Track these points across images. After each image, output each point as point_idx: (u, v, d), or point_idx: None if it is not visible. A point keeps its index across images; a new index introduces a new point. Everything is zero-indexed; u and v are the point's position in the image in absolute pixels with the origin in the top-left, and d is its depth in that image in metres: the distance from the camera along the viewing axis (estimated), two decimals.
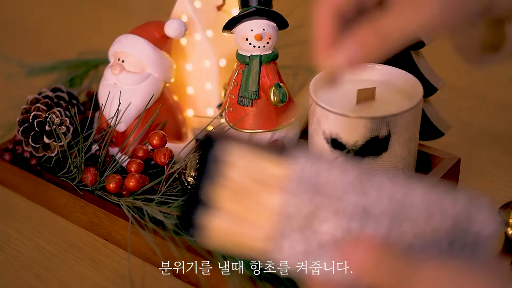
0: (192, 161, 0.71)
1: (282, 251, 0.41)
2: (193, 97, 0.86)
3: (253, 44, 0.75)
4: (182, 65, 0.84)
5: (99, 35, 1.19)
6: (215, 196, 0.42)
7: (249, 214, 0.41)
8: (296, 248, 0.41)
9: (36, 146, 0.77)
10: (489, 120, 0.91)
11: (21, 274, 0.69)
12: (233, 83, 0.77)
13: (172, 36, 0.78)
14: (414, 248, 0.40)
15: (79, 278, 0.68)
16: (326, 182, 0.41)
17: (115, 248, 0.71)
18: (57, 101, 0.80)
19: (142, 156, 0.74)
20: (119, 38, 0.80)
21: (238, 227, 0.41)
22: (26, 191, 0.79)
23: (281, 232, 0.41)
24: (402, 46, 0.45)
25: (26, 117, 0.78)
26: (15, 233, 0.74)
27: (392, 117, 0.66)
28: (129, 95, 0.77)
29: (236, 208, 0.41)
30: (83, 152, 0.74)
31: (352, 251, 0.40)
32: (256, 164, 0.41)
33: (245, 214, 0.41)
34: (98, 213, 0.72)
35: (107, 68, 0.79)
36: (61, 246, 0.72)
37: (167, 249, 0.64)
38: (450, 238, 0.40)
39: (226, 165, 0.42)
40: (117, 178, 0.72)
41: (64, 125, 0.77)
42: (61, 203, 0.75)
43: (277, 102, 0.74)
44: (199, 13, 0.82)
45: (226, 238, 0.42)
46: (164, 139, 0.73)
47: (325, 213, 0.41)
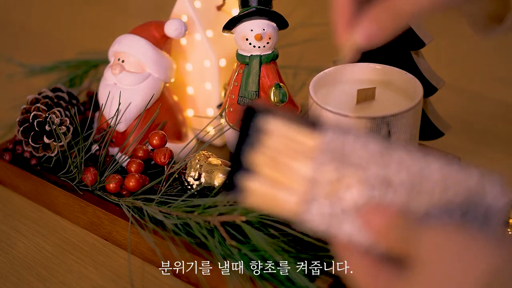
0: (192, 161, 0.71)
1: (310, 214, 0.45)
2: (193, 97, 0.86)
3: (253, 44, 0.75)
4: (182, 65, 0.84)
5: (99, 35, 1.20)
6: (254, 162, 0.46)
7: (283, 179, 0.46)
8: (322, 212, 0.45)
9: (36, 146, 0.77)
10: (489, 120, 0.92)
11: (21, 274, 0.69)
12: (233, 83, 0.77)
13: (172, 36, 0.78)
14: (428, 216, 0.44)
15: (79, 278, 0.68)
16: (351, 153, 0.45)
17: (115, 248, 0.71)
18: (57, 101, 0.80)
19: (142, 156, 0.74)
20: (119, 38, 0.80)
21: (274, 190, 0.46)
22: (26, 191, 0.79)
23: (310, 197, 0.45)
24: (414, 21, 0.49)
25: (26, 117, 0.78)
26: (15, 233, 0.74)
27: (392, 117, 0.66)
28: (129, 95, 0.77)
29: (272, 174, 0.46)
30: (83, 152, 0.74)
31: (371, 217, 0.44)
32: (290, 135, 0.46)
33: (280, 179, 0.46)
34: (98, 213, 0.72)
35: (107, 68, 0.79)
36: (61, 246, 0.72)
37: (167, 249, 0.64)
38: (462, 209, 0.44)
39: (264, 134, 0.46)
40: (117, 178, 0.72)
41: (64, 125, 0.77)
42: (61, 203, 0.75)
43: (277, 102, 0.74)
44: (199, 13, 0.82)
45: (263, 200, 0.46)
46: (164, 139, 0.73)
47: (349, 181, 0.45)
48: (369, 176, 0.45)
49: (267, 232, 0.64)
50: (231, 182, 0.46)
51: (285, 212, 0.46)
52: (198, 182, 0.70)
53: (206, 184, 0.70)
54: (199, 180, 0.70)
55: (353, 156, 0.45)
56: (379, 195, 0.44)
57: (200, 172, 0.70)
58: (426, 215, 0.44)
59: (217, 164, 0.71)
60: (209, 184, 0.70)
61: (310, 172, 0.45)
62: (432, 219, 0.43)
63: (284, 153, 0.46)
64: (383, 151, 0.45)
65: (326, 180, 0.45)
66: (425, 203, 0.44)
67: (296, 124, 0.46)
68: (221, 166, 0.71)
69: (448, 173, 0.44)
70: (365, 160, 0.45)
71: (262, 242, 0.62)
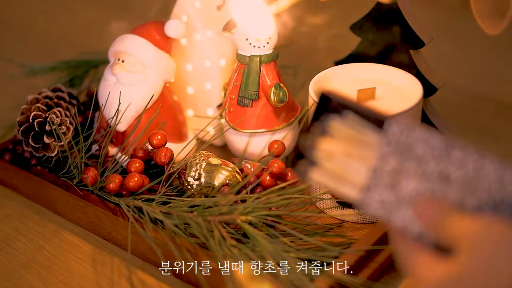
0: (192, 161, 0.71)
1: (370, 199, 0.49)
2: (193, 97, 0.86)
3: (253, 44, 0.75)
4: (182, 65, 0.84)
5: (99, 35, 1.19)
6: (324, 147, 0.50)
7: (349, 167, 0.50)
8: (381, 199, 0.49)
9: (36, 146, 0.77)
10: (489, 120, 0.92)
11: (21, 274, 0.69)
12: (233, 83, 0.77)
13: (172, 36, 0.78)
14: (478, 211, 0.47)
15: (79, 278, 0.68)
16: (413, 147, 0.48)
17: (115, 248, 0.71)
18: (57, 101, 0.80)
19: (142, 156, 0.74)
20: (119, 38, 0.80)
21: (339, 175, 0.50)
22: (26, 191, 0.79)
23: (371, 184, 0.49)
24: None
25: (26, 117, 0.78)
26: (15, 233, 0.74)
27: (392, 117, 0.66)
28: (129, 95, 0.77)
29: (339, 160, 0.50)
30: (83, 152, 0.74)
31: (424, 208, 0.47)
32: (358, 125, 0.50)
33: (346, 166, 0.50)
34: (98, 213, 0.72)
35: (107, 68, 0.79)
36: (61, 246, 0.72)
37: (167, 249, 0.64)
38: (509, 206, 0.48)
39: (335, 121, 0.50)
40: (117, 178, 0.72)
41: (64, 125, 0.77)
42: (61, 203, 0.75)
43: (277, 102, 0.74)
44: (199, 13, 0.82)
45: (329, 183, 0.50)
46: (164, 139, 0.73)
47: (408, 173, 0.48)
48: (427, 170, 0.48)
49: (267, 232, 0.64)
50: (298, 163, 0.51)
51: (348, 197, 0.50)
52: (198, 182, 0.70)
53: (206, 184, 0.70)
54: (199, 180, 0.70)
55: (414, 150, 0.48)
56: (434, 189, 0.48)
57: (200, 172, 0.70)
58: (476, 209, 0.47)
59: (217, 164, 0.71)
60: (209, 184, 0.70)
61: (373, 161, 0.49)
62: (481, 213, 0.47)
63: (351, 140, 0.50)
64: (443, 148, 0.48)
65: (387, 170, 0.49)
66: (477, 200, 0.47)
67: (364, 115, 0.50)
68: (221, 166, 0.71)
69: (503, 174, 0.47)
70: (425, 155, 0.48)
71: (262, 242, 0.62)
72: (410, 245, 0.48)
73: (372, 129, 0.50)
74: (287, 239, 0.64)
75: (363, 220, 0.71)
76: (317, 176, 0.51)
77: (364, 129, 0.50)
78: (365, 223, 0.71)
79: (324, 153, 0.50)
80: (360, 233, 0.70)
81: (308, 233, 0.67)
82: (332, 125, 0.50)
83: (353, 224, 0.72)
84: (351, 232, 0.70)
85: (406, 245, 0.48)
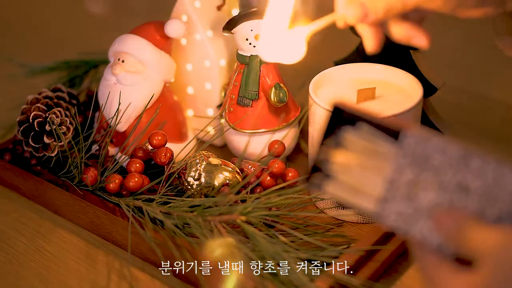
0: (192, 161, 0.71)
1: (387, 212, 0.48)
2: (193, 97, 0.86)
3: (253, 44, 0.75)
4: (182, 65, 0.84)
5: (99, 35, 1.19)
6: (336, 158, 0.50)
7: (364, 179, 0.49)
8: (398, 211, 0.48)
9: (36, 146, 0.77)
10: (489, 120, 0.92)
11: (21, 274, 0.69)
12: (233, 83, 0.77)
13: (172, 36, 0.78)
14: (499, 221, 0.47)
15: (79, 278, 0.68)
16: (430, 158, 0.48)
17: (115, 248, 0.71)
18: (57, 101, 0.80)
19: (142, 156, 0.74)
20: (119, 38, 0.80)
21: (355, 187, 0.50)
22: (26, 191, 0.79)
23: (388, 196, 0.48)
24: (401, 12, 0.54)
25: (26, 117, 0.78)
26: (15, 233, 0.74)
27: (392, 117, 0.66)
28: (129, 95, 0.77)
29: (354, 170, 0.50)
30: (83, 152, 0.74)
31: (443, 219, 0.47)
32: (373, 136, 0.49)
33: (361, 179, 0.49)
34: (98, 213, 0.72)
35: (107, 68, 0.79)
36: (61, 246, 0.72)
37: (167, 249, 0.64)
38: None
39: (349, 133, 0.50)
40: (117, 178, 0.72)
41: (64, 125, 0.77)
42: (61, 203, 0.75)
43: (277, 102, 0.74)
44: (199, 13, 0.82)
45: (345, 195, 0.50)
46: (164, 139, 0.73)
47: (426, 184, 0.48)
48: (445, 181, 0.47)
49: (267, 232, 0.64)
50: (313, 177, 0.51)
51: (363, 210, 0.49)
52: (198, 182, 0.70)
53: (206, 184, 0.70)
54: (199, 180, 0.70)
55: (431, 161, 0.48)
56: (453, 199, 0.47)
57: (200, 172, 0.70)
58: (497, 220, 0.46)
59: (217, 164, 0.71)
60: (209, 184, 0.70)
61: (389, 173, 0.48)
62: (502, 223, 0.46)
63: (366, 152, 0.49)
64: (461, 158, 0.47)
65: (404, 181, 0.48)
66: (498, 210, 0.46)
67: (379, 126, 0.49)
68: (221, 166, 0.71)
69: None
70: (443, 165, 0.47)
71: (262, 242, 0.62)
72: (430, 257, 0.47)
73: (387, 141, 0.49)
74: (287, 239, 0.64)
75: (363, 220, 0.71)
76: (332, 189, 0.50)
77: (379, 140, 0.49)
78: (365, 223, 0.71)
79: (339, 166, 0.50)
80: (360, 233, 0.70)
81: (308, 233, 0.67)
82: (346, 137, 0.50)
83: (353, 224, 0.72)
84: (351, 232, 0.70)
85: (426, 257, 0.48)
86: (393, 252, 0.66)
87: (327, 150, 0.50)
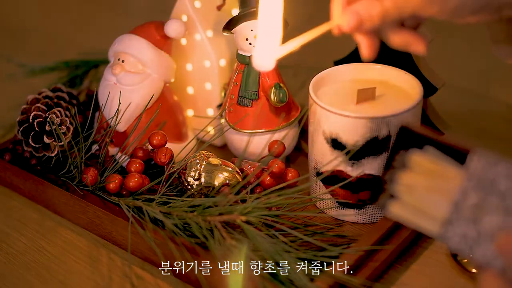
0: (192, 161, 0.71)
1: (451, 234, 0.49)
2: (193, 97, 0.86)
3: (253, 44, 0.75)
4: (182, 65, 0.84)
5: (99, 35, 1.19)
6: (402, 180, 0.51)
7: (429, 200, 0.50)
8: (462, 233, 0.49)
9: (36, 146, 0.77)
10: (489, 120, 0.92)
11: (21, 274, 0.69)
12: (233, 83, 0.77)
13: (172, 36, 0.78)
14: None
15: (79, 278, 0.68)
16: (495, 182, 0.48)
17: (115, 248, 0.71)
18: (57, 101, 0.80)
19: (142, 156, 0.74)
20: (119, 38, 0.80)
21: (420, 208, 0.50)
22: (26, 191, 0.79)
23: (453, 220, 0.49)
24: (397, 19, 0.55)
25: (26, 117, 0.78)
26: (15, 233, 0.74)
27: (392, 117, 0.66)
28: (129, 95, 0.77)
29: (419, 192, 0.50)
30: (83, 152, 0.74)
31: (508, 244, 0.47)
32: (438, 162, 0.50)
33: (426, 200, 0.50)
34: (98, 213, 0.72)
35: (107, 68, 0.79)
36: (61, 246, 0.72)
37: (167, 249, 0.64)
38: None
39: (415, 155, 0.51)
40: (117, 178, 0.72)
41: (64, 125, 0.77)
42: (61, 203, 0.75)
43: (277, 102, 0.74)
44: (199, 13, 0.82)
45: (409, 216, 0.51)
46: (164, 139, 0.73)
47: (491, 208, 0.48)
48: (510, 206, 0.48)
49: (267, 232, 0.64)
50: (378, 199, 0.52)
51: (427, 231, 0.50)
52: (198, 182, 0.70)
53: (206, 184, 0.70)
54: (199, 180, 0.70)
55: (497, 185, 0.48)
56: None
57: (200, 172, 0.70)
58: None
59: (217, 164, 0.71)
60: (209, 184, 0.70)
61: (454, 195, 0.49)
62: None
63: (432, 174, 0.50)
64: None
65: (469, 204, 0.49)
66: None
67: (445, 149, 0.50)
68: (221, 166, 0.71)
69: None
70: (509, 190, 0.48)
71: (262, 242, 0.62)
72: (493, 280, 0.47)
73: (454, 163, 0.50)
74: (287, 239, 0.64)
75: (363, 220, 0.71)
76: (397, 209, 0.51)
77: (445, 163, 0.50)
78: (365, 223, 0.72)
79: (404, 187, 0.51)
80: (360, 233, 0.70)
81: (308, 233, 0.67)
82: (413, 158, 0.51)
83: (353, 224, 0.72)
84: (351, 232, 0.70)
85: (489, 280, 0.48)
86: (393, 252, 0.66)
87: (393, 171, 0.51)
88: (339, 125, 0.67)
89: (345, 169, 0.69)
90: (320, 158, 0.71)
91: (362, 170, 0.68)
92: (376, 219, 0.71)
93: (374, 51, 0.59)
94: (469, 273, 0.63)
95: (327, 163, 0.69)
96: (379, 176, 0.53)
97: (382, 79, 0.74)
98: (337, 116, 0.67)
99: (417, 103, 0.68)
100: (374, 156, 0.68)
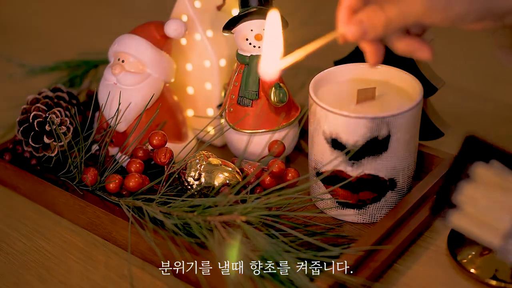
0: (192, 161, 0.71)
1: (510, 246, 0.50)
2: (193, 97, 0.86)
3: (253, 44, 0.75)
4: (182, 65, 0.84)
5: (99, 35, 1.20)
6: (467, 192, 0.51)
7: (491, 213, 0.50)
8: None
9: (36, 146, 0.77)
10: (489, 120, 0.92)
11: (21, 273, 0.69)
12: (233, 83, 0.77)
13: (172, 36, 0.78)
14: None
15: (79, 278, 0.68)
16: None
17: (115, 248, 0.71)
18: (57, 101, 0.80)
19: (142, 156, 0.74)
20: (119, 38, 0.80)
21: (481, 220, 0.51)
22: (26, 191, 0.79)
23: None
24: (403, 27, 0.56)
25: (26, 117, 0.78)
26: (15, 233, 0.74)
27: (392, 117, 0.66)
28: (129, 95, 0.77)
29: (482, 205, 0.51)
30: (83, 152, 0.74)
31: None
32: (503, 175, 0.51)
33: (488, 212, 0.50)
34: (98, 213, 0.72)
35: (107, 68, 0.79)
36: (61, 246, 0.72)
37: (167, 249, 0.64)
38: None
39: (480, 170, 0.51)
40: (117, 178, 0.72)
41: (64, 125, 0.77)
42: (61, 203, 0.75)
43: (277, 102, 0.74)
44: (199, 13, 0.82)
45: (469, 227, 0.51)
46: (164, 139, 0.73)
47: None
48: None
49: (267, 232, 0.64)
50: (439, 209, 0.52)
51: (487, 244, 0.51)
52: (198, 182, 0.70)
53: (206, 184, 0.70)
54: (199, 180, 0.70)
55: None
56: None
57: (200, 172, 0.70)
58: None
59: (217, 164, 0.71)
60: (209, 184, 0.70)
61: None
62: None
63: (495, 188, 0.50)
64: None
65: None
66: None
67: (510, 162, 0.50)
68: (221, 166, 0.71)
69: None
70: None
71: (262, 242, 0.62)
72: None
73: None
74: (287, 239, 0.64)
75: (363, 220, 0.71)
76: (458, 220, 0.51)
77: (509, 176, 0.50)
78: (365, 223, 0.72)
79: (467, 198, 0.51)
80: (360, 233, 0.70)
81: (308, 233, 0.67)
82: (477, 170, 0.51)
83: (353, 224, 0.72)
84: (351, 232, 0.70)
85: None
86: (393, 252, 0.66)
87: (456, 181, 0.51)
88: (339, 125, 0.67)
89: (345, 169, 0.69)
90: (320, 158, 0.71)
91: (362, 170, 0.68)
92: (376, 219, 0.71)
93: (379, 58, 0.59)
94: (469, 273, 0.63)
95: (327, 163, 0.69)
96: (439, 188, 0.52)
97: (382, 79, 0.74)
98: (337, 116, 0.67)
99: (417, 103, 0.68)
100: (374, 156, 0.68)
